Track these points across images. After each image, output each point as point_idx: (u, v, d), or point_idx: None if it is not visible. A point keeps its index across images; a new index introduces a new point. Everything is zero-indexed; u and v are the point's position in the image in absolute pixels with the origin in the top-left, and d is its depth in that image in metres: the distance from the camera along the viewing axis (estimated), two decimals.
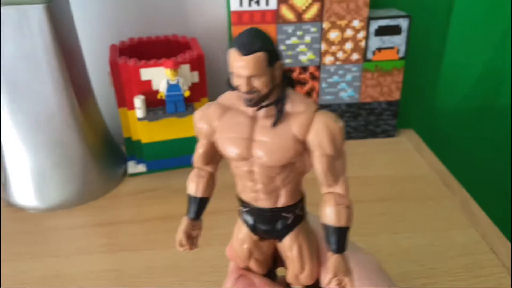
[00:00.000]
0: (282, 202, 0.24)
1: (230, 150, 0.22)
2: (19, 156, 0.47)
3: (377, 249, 0.41)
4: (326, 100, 0.59)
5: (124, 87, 0.50)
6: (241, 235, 0.25)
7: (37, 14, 0.42)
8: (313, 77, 0.57)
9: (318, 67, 0.56)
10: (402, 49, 0.56)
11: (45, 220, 0.47)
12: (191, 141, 0.54)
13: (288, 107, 0.21)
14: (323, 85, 0.58)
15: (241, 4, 0.52)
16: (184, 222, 0.25)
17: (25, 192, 0.48)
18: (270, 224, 0.24)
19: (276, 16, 0.53)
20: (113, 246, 0.43)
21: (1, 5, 0.41)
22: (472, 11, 0.61)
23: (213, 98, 0.70)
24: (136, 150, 0.55)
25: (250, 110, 0.22)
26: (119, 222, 0.46)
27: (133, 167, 0.55)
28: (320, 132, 0.21)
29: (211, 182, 0.25)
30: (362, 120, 0.60)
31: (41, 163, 0.47)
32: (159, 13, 0.59)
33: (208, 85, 0.55)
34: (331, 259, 0.22)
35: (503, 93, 0.67)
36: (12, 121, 0.46)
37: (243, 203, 0.25)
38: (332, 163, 0.21)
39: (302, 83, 0.57)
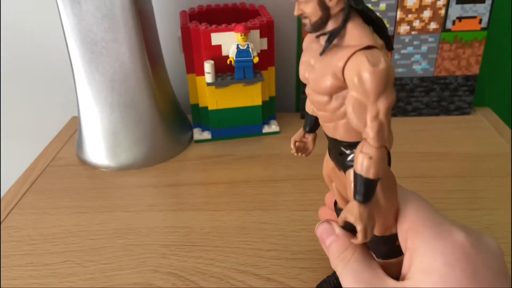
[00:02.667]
0: (339, 135, 0.23)
1: (300, 72, 0.24)
2: (94, 115, 0.49)
3: None
4: (397, 73, 0.56)
5: (194, 52, 0.51)
6: (325, 160, 0.27)
7: None
8: None
9: (392, 37, 0.54)
10: (485, 19, 0.52)
11: (116, 178, 0.49)
12: (256, 111, 0.54)
13: (343, 40, 0.21)
14: (396, 56, 0.55)
15: None
16: (298, 131, 0.29)
17: (98, 151, 0.50)
18: (336, 154, 0.24)
19: None
20: (182, 205, 0.44)
21: None
22: None
23: (280, 67, 0.69)
24: (202, 117, 0.55)
25: (321, 38, 0.22)
26: (186, 184, 0.47)
27: (199, 134, 0.56)
28: (351, 71, 0.20)
29: None
30: (435, 96, 0.57)
31: (114, 123, 0.49)
32: None
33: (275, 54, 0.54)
34: (349, 202, 0.22)
35: None
36: (89, 82, 0.47)
37: None
38: (359, 106, 0.20)
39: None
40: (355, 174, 0.22)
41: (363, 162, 0.21)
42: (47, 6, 0.59)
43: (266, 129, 0.56)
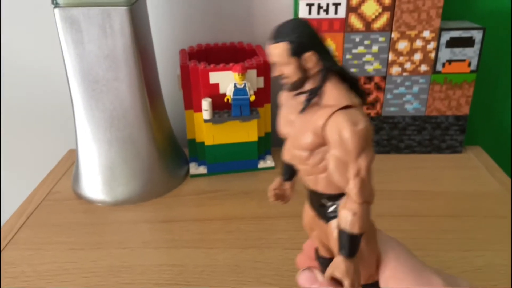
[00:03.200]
0: (320, 187, 0.23)
1: (278, 124, 0.25)
2: (92, 150, 0.50)
3: (448, 265, 0.39)
4: (390, 112, 0.57)
5: (192, 89, 0.52)
6: (306, 209, 0.27)
7: (119, 16, 0.44)
8: (378, 88, 0.56)
9: (384, 78, 0.55)
10: (474, 62, 0.54)
11: (112, 213, 0.49)
12: (252, 146, 0.55)
13: (321, 99, 0.22)
14: (388, 96, 0.56)
15: (309, 12, 0.53)
16: (276, 179, 0.28)
17: (94, 185, 0.50)
18: (317, 205, 0.25)
19: (344, 25, 0.53)
20: (176, 242, 0.44)
21: (87, 6, 0.44)
22: None
23: (275, 104, 0.70)
24: (198, 152, 0.56)
25: (301, 95, 0.23)
26: (182, 220, 0.47)
27: (195, 168, 0.56)
28: (331, 131, 0.21)
29: None
30: (427, 135, 0.58)
31: (112, 158, 0.50)
32: (226, 21, 0.60)
33: (271, 92, 0.56)
34: (335, 258, 0.23)
35: None
36: (88, 118, 0.48)
37: None
38: (341, 164, 0.21)
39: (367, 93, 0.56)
40: (340, 230, 0.22)
41: (347, 218, 0.21)
42: (49, 41, 0.60)
43: (261, 164, 0.57)
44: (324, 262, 0.28)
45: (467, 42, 0.53)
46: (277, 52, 0.22)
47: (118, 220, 0.48)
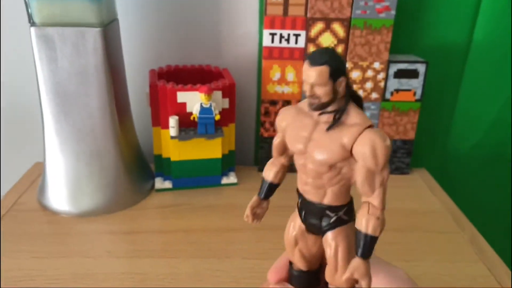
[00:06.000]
0: (327, 200, 0.27)
1: (292, 143, 0.27)
2: (59, 163, 0.51)
3: None
4: None
5: (160, 107, 0.55)
6: (292, 223, 0.29)
7: (93, 36, 0.47)
8: None
9: None
10: (419, 92, 0.60)
11: (77, 224, 0.50)
12: (216, 163, 0.58)
13: (346, 118, 0.25)
14: None
15: (272, 41, 0.57)
16: (253, 199, 0.29)
17: (60, 197, 0.52)
18: (316, 218, 0.27)
19: (304, 54, 0.58)
20: (139, 252, 0.46)
21: (62, 26, 0.46)
22: (486, 61, 0.65)
23: (240, 124, 0.73)
24: (164, 167, 0.59)
25: (315, 115, 0.26)
26: (145, 231, 0.49)
27: (160, 183, 0.58)
28: (364, 145, 0.24)
29: (280, 172, 0.29)
30: None
31: (78, 171, 0.51)
32: (195, 44, 0.64)
33: (236, 112, 0.59)
34: (353, 261, 0.25)
35: None
36: (57, 131, 0.50)
37: (298, 194, 0.28)
38: (371, 175, 0.24)
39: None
40: (360, 234, 0.25)
41: (370, 222, 0.24)
42: (21, 55, 0.62)
43: (224, 180, 0.60)
44: (299, 275, 0.30)
45: (412, 74, 0.59)
46: (317, 74, 0.24)
47: (82, 230, 0.49)
